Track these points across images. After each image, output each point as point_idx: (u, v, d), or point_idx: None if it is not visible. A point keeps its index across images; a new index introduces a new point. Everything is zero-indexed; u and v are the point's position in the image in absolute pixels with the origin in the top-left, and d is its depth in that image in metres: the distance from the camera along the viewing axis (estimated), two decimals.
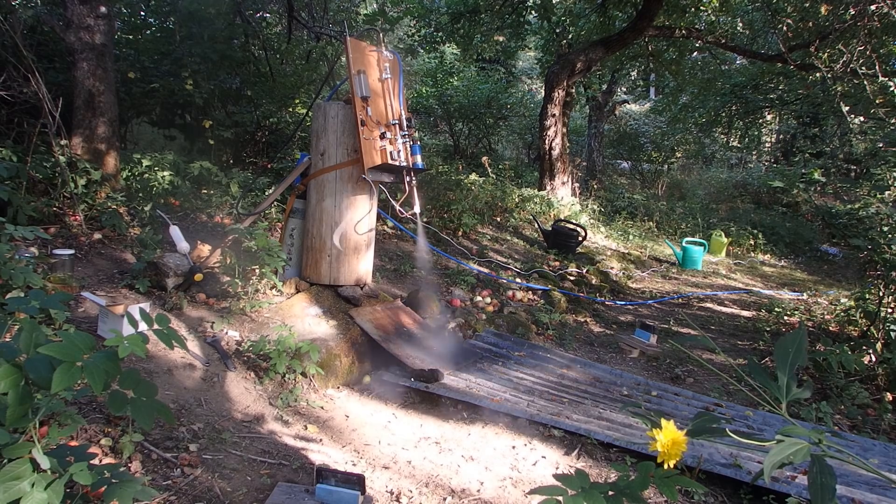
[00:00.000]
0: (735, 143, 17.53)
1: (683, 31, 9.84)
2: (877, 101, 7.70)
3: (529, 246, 8.18)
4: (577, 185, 11.98)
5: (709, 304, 7.17)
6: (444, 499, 2.59)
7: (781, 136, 17.77)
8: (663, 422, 1.21)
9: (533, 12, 11.36)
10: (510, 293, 5.84)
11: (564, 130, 10.61)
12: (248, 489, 2.39)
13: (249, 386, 3.25)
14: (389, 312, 4.32)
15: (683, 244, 9.33)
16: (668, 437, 1.19)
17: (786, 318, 6.45)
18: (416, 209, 4.35)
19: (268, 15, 9.04)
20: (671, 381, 4.53)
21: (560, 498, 1.27)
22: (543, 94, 10.57)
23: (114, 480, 1.67)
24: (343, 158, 4.16)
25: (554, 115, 10.13)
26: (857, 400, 4.05)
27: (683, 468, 2.81)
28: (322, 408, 3.34)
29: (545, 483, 2.50)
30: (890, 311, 4.95)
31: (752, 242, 11.29)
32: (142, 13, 7.64)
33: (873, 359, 4.52)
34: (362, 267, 4.42)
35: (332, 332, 3.88)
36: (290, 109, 7.57)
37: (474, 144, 13.70)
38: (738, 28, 10.91)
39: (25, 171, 4.04)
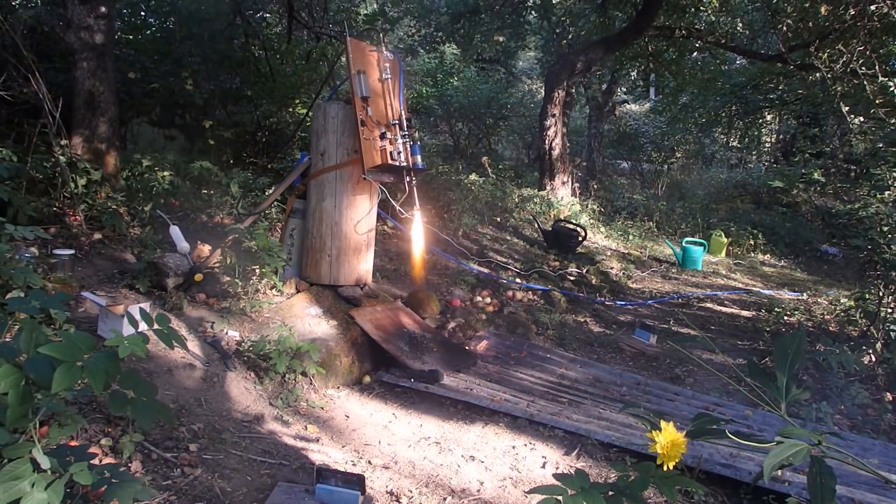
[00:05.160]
0: (735, 143, 17.52)
1: (683, 31, 9.84)
2: (877, 101, 7.69)
3: (529, 246, 8.18)
4: (576, 185, 11.97)
5: (709, 304, 7.17)
6: (444, 499, 2.59)
7: (781, 136, 17.76)
8: (662, 423, 1.21)
9: (533, 12, 11.36)
10: (510, 293, 5.84)
11: (564, 130, 10.61)
12: (248, 489, 2.39)
13: (249, 386, 3.25)
14: (389, 312, 4.32)
15: (683, 244, 9.33)
16: (668, 439, 1.19)
17: (786, 318, 6.44)
18: (416, 209, 4.35)
19: (268, 15, 9.04)
20: (671, 381, 4.53)
21: (560, 497, 1.27)
22: (543, 94, 10.58)
23: (114, 480, 1.67)
24: (343, 158, 4.16)
25: (554, 115, 10.13)
26: (857, 400, 4.05)
27: (683, 468, 2.81)
28: (322, 408, 3.35)
29: (545, 483, 2.50)
30: (890, 311, 4.95)
31: (752, 242, 11.28)
32: (142, 13, 7.64)
33: (873, 359, 4.52)
34: (362, 267, 4.42)
35: (332, 332, 3.88)
36: (290, 109, 7.56)
37: (474, 144, 13.70)
38: (738, 28, 10.91)
39: (25, 171, 4.04)
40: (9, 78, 4.33)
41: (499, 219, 8.91)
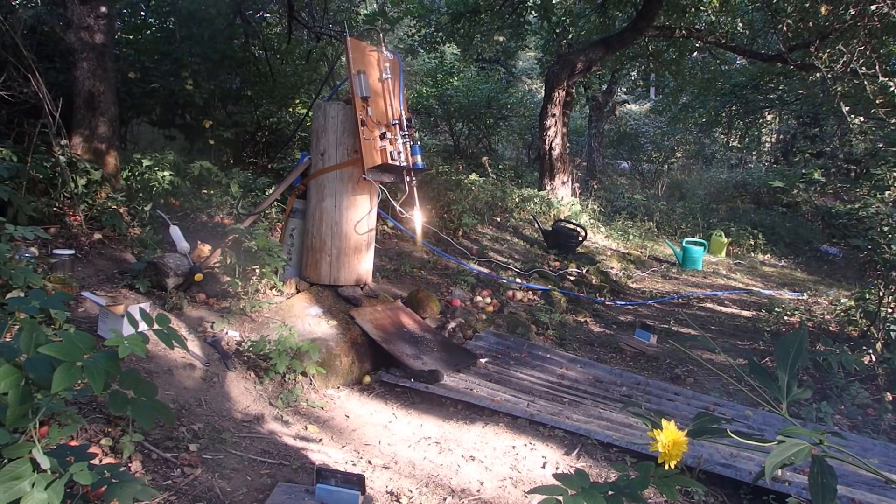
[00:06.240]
0: (735, 143, 17.54)
1: (683, 31, 9.84)
2: (877, 101, 7.69)
3: (529, 246, 8.18)
4: (577, 185, 11.98)
5: (709, 304, 7.17)
6: (444, 499, 2.59)
7: (781, 136, 17.77)
8: (664, 422, 1.21)
9: (533, 12, 11.36)
10: (510, 293, 5.84)
11: (564, 130, 10.61)
12: (248, 489, 2.39)
13: (249, 386, 3.25)
14: (389, 312, 4.32)
15: (683, 244, 9.33)
16: (669, 438, 1.19)
17: (786, 318, 6.45)
18: (416, 209, 4.35)
19: (268, 15, 9.04)
20: (671, 380, 4.53)
21: (560, 497, 1.27)
22: (543, 94, 10.58)
23: (114, 480, 1.67)
24: (343, 158, 4.16)
25: (554, 115, 10.13)
26: (857, 400, 4.06)
27: (683, 468, 2.81)
28: (322, 408, 3.34)
29: (545, 483, 2.50)
30: (890, 311, 4.95)
31: (752, 242, 11.29)
32: (142, 13, 7.64)
33: (873, 359, 4.52)
34: (362, 267, 4.42)
35: (332, 333, 3.88)
36: (290, 109, 7.56)
37: (474, 144, 13.69)
38: (738, 28, 10.91)
39: (25, 171, 4.04)
40: (9, 78, 4.33)
41: (499, 219, 8.91)
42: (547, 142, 10.23)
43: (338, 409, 3.40)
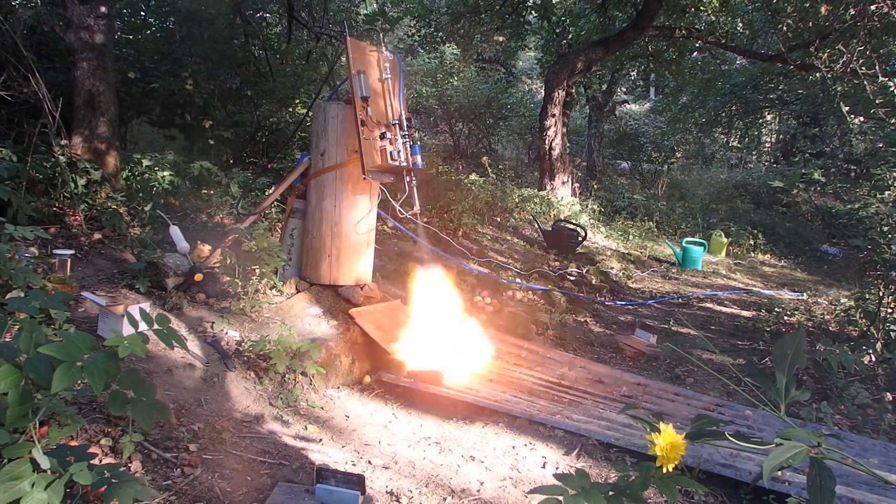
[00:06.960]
0: (735, 143, 17.54)
1: (683, 31, 9.84)
2: (877, 101, 7.69)
3: (529, 246, 8.18)
4: (577, 185, 11.98)
5: (709, 304, 7.17)
6: (444, 499, 2.59)
7: (781, 136, 17.77)
8: (662, 425, 1.21)
9: (533, 12, 11.35)
10: (510, 293, 5.83)
11: (564, 130, 10.61)
12: (248, 489, 2.39)
13: (249, 386, 3.25)
14: (389, 312, 4.32)
15: (683, 244, 9.33)
16: (667, 441, 1.19)
17: (786, 318, 6.45)
18: (416, 209, 4.35)
19: (268, 15, 9.03)
20: (671, 381, 4.53)
21: (560, 498, 1.27)
22: (543, 94, 10.58)
23: (114, 480, 1.67)
24: (343, 158, 4.16)
25: (554, 115, 10.13)
26: (857, 400, 4.06)
27: (684, 468, 2.81)
28: (322, 408, 3.35)
29: (545, 483, 2.50)
30: (890, 311, 4.95)
31: (752, 242, 11.29)
32: (142, 13, 7.63)
33: (873, 359, 4.52)
34: (362, 267, 4.42)
35: (332, 332, 3.88)
36: (290, 109, 7.56)
37: (474, 144, 13.69)
38: (738, 28, 10.91)
39: (25, 171, 4.04)
40: (9, 78, 4.33)
41: (499, 219, 8.91)
42: (547, 142, 10.23)
43: (338, 409, 3.41)
